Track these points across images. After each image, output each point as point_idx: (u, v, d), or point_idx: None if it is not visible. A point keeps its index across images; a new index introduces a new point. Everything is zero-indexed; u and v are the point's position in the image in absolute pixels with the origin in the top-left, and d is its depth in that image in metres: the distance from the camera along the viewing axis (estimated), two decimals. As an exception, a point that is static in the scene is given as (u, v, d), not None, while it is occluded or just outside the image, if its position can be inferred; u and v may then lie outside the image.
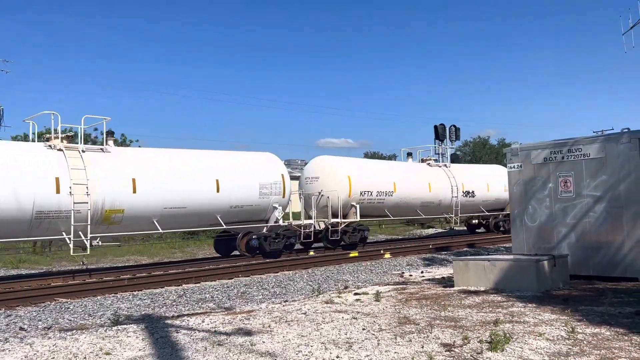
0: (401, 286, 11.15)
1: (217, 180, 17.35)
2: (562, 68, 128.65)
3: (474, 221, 28.83)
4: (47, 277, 15.23)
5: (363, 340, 6.33)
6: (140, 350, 6.37)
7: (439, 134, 41.11)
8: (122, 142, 37.03)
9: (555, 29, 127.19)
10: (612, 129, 11.53)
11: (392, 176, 22.88)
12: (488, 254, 17.19)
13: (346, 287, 11.93)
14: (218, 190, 17.30)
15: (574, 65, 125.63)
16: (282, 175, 19.28)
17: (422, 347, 5.92)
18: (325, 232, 20.54)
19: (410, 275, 13.85)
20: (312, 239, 20.02)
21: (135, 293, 12.34)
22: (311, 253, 20.16)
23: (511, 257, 10.70)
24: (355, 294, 10.20)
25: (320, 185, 20.94)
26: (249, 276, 14.89)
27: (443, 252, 19.86)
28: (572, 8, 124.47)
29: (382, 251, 19.54)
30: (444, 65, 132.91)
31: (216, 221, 17.59)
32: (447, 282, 11.32)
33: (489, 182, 27.66)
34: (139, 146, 42.94)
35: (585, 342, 5.97)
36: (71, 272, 15.77)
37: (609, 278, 10.60)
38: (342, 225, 20.64)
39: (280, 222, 18.66)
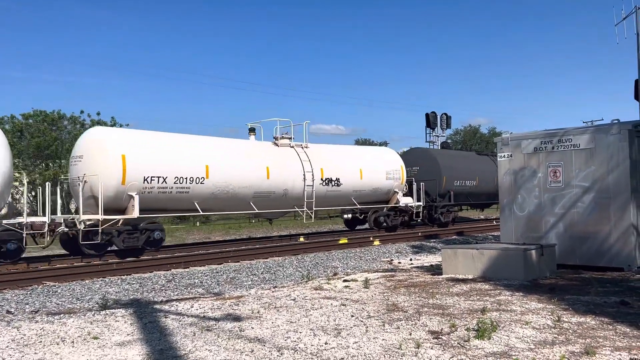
0: (390, 273, 11.21)
1: None
2: (553, 58, 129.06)
3: (346, 216, 23.76)
4: (35, 260, 15.14)
5: (351, 327, 6.37)
6: (128, 335, 6.37)
7: (430, 121, 41.26)
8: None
9: (547, 18, 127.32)
10: (602, 120, 11.61)
11: (203, 157, 17.06)
12: (476, 243, 17.34)
13: (335, 274, 11.98)
14: None
15: (566, 56, 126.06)
16: None
17: (410, 334, 5.96)
18: (83, 235, 14.47)
19: (399, 263, 13.92)
20: (45, 241, 14.28)
21: (123, 277, 12.31)
22: (301, 239, 20.17)
23: (499, 246, 10.79)
24: (344, 280, 10.25)
25: (84, 167, 15.30)
26: (238, 262, 14.90)
27: (432, 240, 19.97)
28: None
29: (371, 238, 19.61)
30: (437, 53, 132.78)
31: None
32: (435, 269, 11.40)
33: (364, 168, 21.88)
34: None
35: (570, 331, 6.04)
36: (59, 256, 15.69)
37: (596, 268, 10.73)
38: (114, 223, 14.94)
39: None
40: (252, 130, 20.60)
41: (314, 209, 20.02)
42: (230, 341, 5.88)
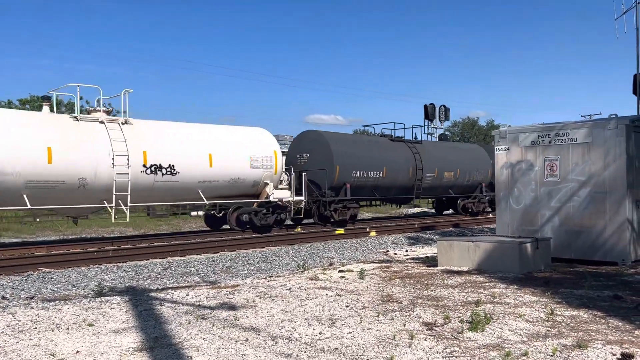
0: (385, 264, 11.25)
1: None
2: (553, 52, 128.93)
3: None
4: (31, 246, 15.15)
5: (346, 318, 6.40)
6: (123, 322, 6.39)
7: (429, 113, 41.21)
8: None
9: (546, 12, 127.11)
10: (600, 114, 11.63)
11: None
12: (472, 235, 17.39)
13: (331, 264, 12.01)
14: None
15: (565, 50, 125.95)
16: None
17: (404, 326, 6.00)
18: None
19: (395, 254, 13.96)
20: None
21: (119, 265, 12.32)
22: (298, 229, 20.19)
23: (495, 238, 10.82)
24: (340, 271, 10.27)
25: None
26: (234, 250, 14.92)
27: (428, 232, 20.02)
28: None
29: (367, 229, 19.65)
30: (437, 45, 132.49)
31: None
32: (430, 261, 11.43)
33: (215, 153, 17.04)
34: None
35: (563, 324, 6.08)
36: (55, 242, 15.69)
37: (590, 262, 10.78)
38: None
39: None
40: (46, 99, 15.34)
41: (128, 204, 15.05)
42: (225, 330, 5.91)
